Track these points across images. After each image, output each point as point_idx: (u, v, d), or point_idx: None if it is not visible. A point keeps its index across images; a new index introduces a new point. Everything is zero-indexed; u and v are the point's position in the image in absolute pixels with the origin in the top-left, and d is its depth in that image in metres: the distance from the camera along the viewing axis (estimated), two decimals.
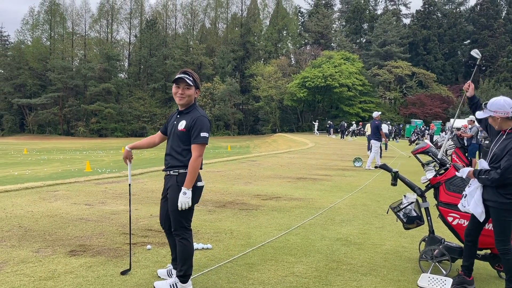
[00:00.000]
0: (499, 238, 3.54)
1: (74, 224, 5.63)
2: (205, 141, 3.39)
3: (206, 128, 3.41)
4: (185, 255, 3.45)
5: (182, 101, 3.50)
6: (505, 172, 3.36)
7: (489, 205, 3.55)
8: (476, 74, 68.06)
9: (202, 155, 3.41)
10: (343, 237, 5.42)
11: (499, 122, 3.53)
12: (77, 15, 77.62)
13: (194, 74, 3.54)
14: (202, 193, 3.67)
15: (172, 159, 3.49)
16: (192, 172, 3.33)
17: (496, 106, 3.50)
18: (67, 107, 69.11)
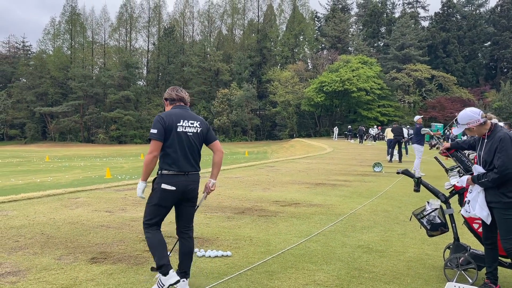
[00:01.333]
0: (505, 237, 3.58)
1: (95, 231, 5.68)
2: (151, 136, 3.56)
3: (153, 125, 3.60)
4: (151, 247, 3.58)
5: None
6: (502, 169, 3.49)
7: (492, 206, 3.64)
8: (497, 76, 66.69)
9: (152, 151, 3.53)
10: (364, 244, 5.33)
11: (476, 130, 3.76)
12: (96, 24, 79.26)
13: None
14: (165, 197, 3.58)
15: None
16: (143, 166, 3.56)
17: (466, 119, 3.74)
18: (88, 114, 70.39)
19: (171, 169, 3.55)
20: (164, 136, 3.57)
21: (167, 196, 3.55)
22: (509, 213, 3.57)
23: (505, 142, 3.54)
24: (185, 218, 3.76)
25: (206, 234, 5.64)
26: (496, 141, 3.59)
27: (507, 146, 3.53)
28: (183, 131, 3.64)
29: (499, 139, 3.57)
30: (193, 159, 3.68)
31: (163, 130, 3.56)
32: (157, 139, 3.54)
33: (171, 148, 3.58)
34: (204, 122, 3.81)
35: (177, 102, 3.82)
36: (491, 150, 3.61)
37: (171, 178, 3.54)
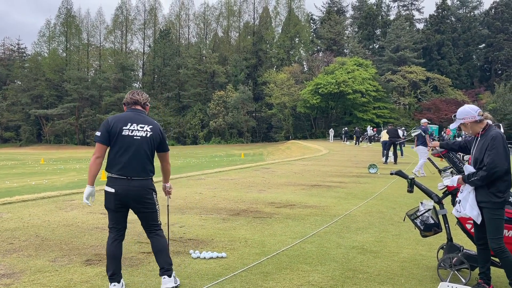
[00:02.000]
0: (493, 237, 3.62)
1: (90, 233, 5.67)
2: (95, 139, 3.63)
3: (99, 128, 3.66)
4: (106, 252, 3.67)
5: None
6: (490, 167, 3.54)
7: (482, 206, 3.69)
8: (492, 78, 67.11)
9: (96, 153, 3.57)
10: (359, 245, 5.35)
11: (470, 127, 3.81)
12: (92, 27, 79.15)
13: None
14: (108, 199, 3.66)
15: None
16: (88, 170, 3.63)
17: (463, 114, 3.82)
18: (83, 117, 70.21)
19: (113, 172, 3.56)
20: (109, 139, 3.57)
21: (109, 198, 3.61)
22: (498, 213, 3.62)
23: (497, 140, 3.58)
24: (144, 221, 3.75)
25: (201, 235, 5.65)
26: (488, 139, 3.63)
27: (498, 145, 3.57)
28: (129, 134, 3.58)
29: (491, 138, 3.62)
30: (139, 163, 3.59)
31: (107, 134, 3.57)
32: (100, 141, 3.56)
33: (115, 152, 3.57)
34: (157, 128, 3.73)
35: (131, 105, 3.81)
36: (482, 148, 3.66)
37: (113, 181, 3.57)
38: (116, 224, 3.70)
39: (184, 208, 7.47)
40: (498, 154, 3.54)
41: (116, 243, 3.67)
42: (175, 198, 8.55)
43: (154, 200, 3.72)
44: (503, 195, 3.61)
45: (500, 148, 3.56)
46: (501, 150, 3.56)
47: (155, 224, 3.77)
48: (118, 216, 3.68)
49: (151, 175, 3.69)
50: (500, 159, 3.53)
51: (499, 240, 3.61)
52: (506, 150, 3.62)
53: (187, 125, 69.90)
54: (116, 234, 3.69)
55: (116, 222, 3.69)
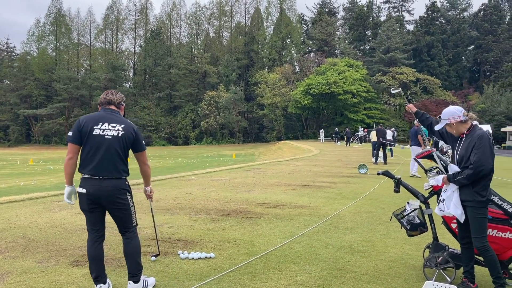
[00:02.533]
0: (477, 235, 3.67)
1: (78, 234, 5.64)
2: (67, 139, 3.65)
3: (72, 128, 3.65)
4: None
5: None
6: (477, 165, 3.59)
7: (466, 205, 3.74)
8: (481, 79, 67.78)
9: (68, 154, 3.56)
10: (347, 244, 5.39)
11: (456, 127, 3.85)
12: (82, 26, 78.61)
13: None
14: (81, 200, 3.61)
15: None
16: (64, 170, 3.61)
17: (448, 114, 3.87)
18: (73, 117, 69.62)
19: (84, 172, 3.55)
20: (81, 139, 3.56)
21: (82, 199, 3.58)
22: (481, 212, 3.67)
23: (483, 140, 3.64)
24: (117, 222, 3.75)
25: (190, 236, 5.64)
26: (474, 139, 3.68)
27: (484, 144, 3.62)
28: (100, 134, 3.56)
29: (477, 137, 3.67)
30: (110, 163, 3.56)
31: (78, 133, 3.55)
32: (71, 141, 3.57)
33: (86, 151, 3.55)
34: (130, 127, 3.70)
35: (105, 105, 3.79)
36: (468, 147, 3.71)
37: (84, 181, 3.55)
38: (93, 226, 3.66)
39: (174, 209, 7.46)
40: (484, 153, 3.59)
41: (96, 245, 3.64)
42: (165, 199, 8.53)
43: (128, 201, 3.67)
44: (486, 194, 3.67)
45: (486, 147, 3.61)
46: (487, 149, 3.62)
47: (128, 226, 3.74)
48: (93, 217, 3.64)
49: (124, 175, 3.66)
50: (486, 158, 3.59)
51: (483, 239, 3.65)
52: (491, 149, 3.68)
53: (178, 126, 69.68)
54: (95, 236, 3.66)
55: (93, 223, 3.65)
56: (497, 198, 3.95)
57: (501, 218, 3.91)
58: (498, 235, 3.90)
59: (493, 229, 3.91)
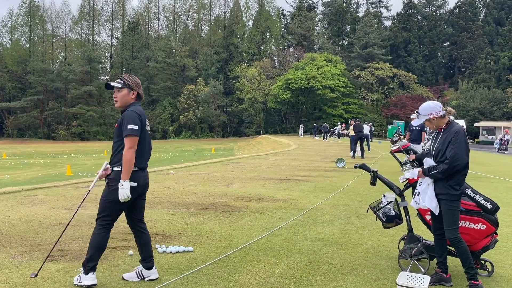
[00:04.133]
0: (449, 227, 3.75)
1: (52, 229, 5.53)
2: (132, 132, 3.51)
3: (133, 120, 3.54)
4: (94, 245, 3.61)
5: (117, 104, 3.76)
6: (452, 160, 3.65)
7: (440, 198, 3.81)
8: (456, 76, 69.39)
9: (133, 147, 3.52)
10: (324, 237, 5.45)
11: (436, 122, 3.89)
12: (57, 17, 76.67)
13: (125, 77, 3.78)
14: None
15: (112, 156, 3.70)
16: (124, 164, 3.49)
17: (428, 110, 3.90)
18: (48, 110, 68.05)
19: (139, 165, 3.63)
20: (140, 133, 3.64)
21: (132, 193, 3.58)
22: (454, 205, 3.76)
23: (459, 135, 3.71)
24: (139, 211, 3.85)
25: (168, 230, 5.61)
26: (451, 134, 3.75)
27: (461, 139, 3.69)
28: (147, 129, 3.76)
29: (454, 132, 3.74)
30: (150, 155, 3.86)
31: (140, 127, 3.60)
32: (138, 135, 3.57)
33: (142, 145, 3.65)
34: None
35: (140, 99, 3.85)
36: (445, 141, 3.78)
37: (134, 174, 3.58)
38: (117, 217, 3.72)
39: (152, 203, 7.39)
40: (460, 148, 3.67)
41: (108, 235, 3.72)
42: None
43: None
44: (460, 187, 3.75)
45: (462, 142, 3.69)
46: (463, 144, 3.69)
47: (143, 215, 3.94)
48: (124, 209, 3.71)
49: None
50: (462, 153, 3.66)
51: (455, 231, 3.74)
52: (467, 145, 3.75)
53: (156, 119, 68.92)
54: (111, 227, 3.71)
55: (118, 215, 3.72)
56: (469, 191, 4.06)
57: (473, 210, 4.02)
58: (470, 227, 4.01)
59: (465, 221, 4.02)
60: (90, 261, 3.59)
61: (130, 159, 3.49)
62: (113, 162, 3.64)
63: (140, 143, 3.60)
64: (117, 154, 3.60)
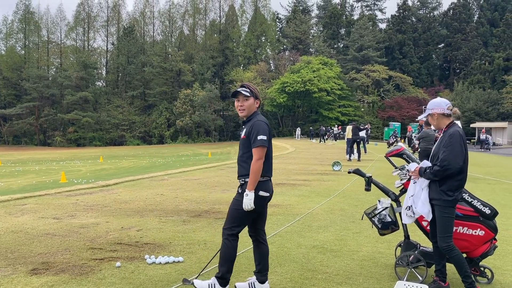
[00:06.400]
0: (442, 235, 3.63)
1: (39, 240, 5.36)
2: (262, 143, 3.49)
3: (263, 131, 3.52)
4: (225, 256, 3.58)
5: (242, 113, 3.71)
6: (443, 164, 3.53)
7: (434, 203, 3.69)
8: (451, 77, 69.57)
9: (262, 158, 3.51)
10: (319, 244, 5.31)
11: (437, 119, 3.77)
12: (52, 23, 76.36)
13: (251, 85, 3.75)
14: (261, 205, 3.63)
15: (240, 168, 3.68)
16: (252, 175, 3.46)
17: (433, 105, 3.80)
18: (43, 116, 67.66)
19: (269, 175, 3.63)
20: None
21: (261, 202, 3.59)
22: (447, 211, 3.61)
23: (454, 138, 3.55)
24: (262, 221, 3.83)
25: (159, 239, 5.45)
26: (445, 136, 3.63)
27: (454, 142, 3.54)
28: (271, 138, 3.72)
29: (448, 135, 3.60)
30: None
31: (268, 138, 3.58)
32: (267, 145, 3.54)
33: (269, 155, 3.62)
34: None
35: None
36: (441, 144, 3.65)
37: (266, 184, 3.60)
38: (244, 227, 3.68)
39: (144, 211, 7.23)
40: (452, 152, 3.51)
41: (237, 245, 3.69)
42: (135, 200, 8.28)
43: None
44: (453, 193, 3.60)
45: (456, 146, 3.53)
46: (456, 148, 3.52)
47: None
48: (252, 219, 3.68)
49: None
50: (454, 157, 3.50)
51: (448, 239, 3.61)
52: (462, 148, 3.57)
53: (153, 124, 68.67)
54: (238, 237, 3.67)
55: (246, 225, 3.70)
56: (467, 195, 3.93)
57: (471, 215, 3.89)
58: (468, 233, 3.88)
59: (463, 227, 3.89)
60: (226, 274, 3.61)
61: (258, 170, 3.47)
62: (246, 173, 3.58)
63: (267, 153, 3.59)
64: (249, 166, 3.54)
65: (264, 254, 3.77)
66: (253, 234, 3.79)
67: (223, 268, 3.59)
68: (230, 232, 3.59)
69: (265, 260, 3.77)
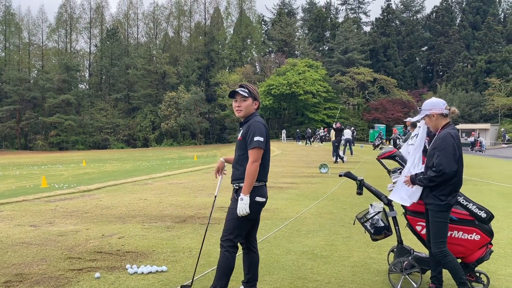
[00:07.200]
0: (435, 240, 3.49)
1: (14, 250, 5.06)
2: (259, 145, 3.30)
3: (260, 132, 3.33)
4: (224, 269, 3.37)
5: (239, 114, 3.52)
6: (439, 169, 3.38)
7: (427, 208, 3.57)
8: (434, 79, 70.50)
9: (258, 160, 3.32)
10: (309, 250, 5.13)
11: (435, 120, 3.60)
12: (33, 25, 75.09)
13: (249, 86, 3.57)
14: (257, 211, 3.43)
15: (234, 172, 3.49)
16: (247, 178, 3.26)
17: (431, 105, 3.63)
18: (24, 120, 66.35)
19: (264, 179, 3.45)
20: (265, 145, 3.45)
21: (257, 208, 3.40)
22: (440, 216, 3.49)
23: (446, 141, 3.41)
24: (257, 227, 3.65)
25: (142, 247, 5.20)
26: (438, 139, 3.49)
27: (447, 145, 3.39)
28: (268, 141, 3.50)
29: (440, 137, 3.47)
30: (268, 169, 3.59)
31: (265, 139, 3.40)
32: (263, 147, 3.36)
33: (265, 158, 3.44)
34: None
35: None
36: (433, 146, 3.52)
37: (262, 189, 3.41)
38: (243, 235, 3.47)
39: (126, 217, 6.96)
40: (446, 155, 3.37)
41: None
42: (117, 206, 8.00)
43: None
44: (446, 198, 3.46)
45: (449, 149, 3.38)
46: (450, 151, 3.37)
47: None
48: (250, 226, 3.48)
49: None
50: (449, 161, 3.36)
51: (441, 244, 3.48)
52: (456, 151, 3.42)
53: (137, 127, 67.92)
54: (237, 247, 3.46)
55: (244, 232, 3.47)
56: (462, 199, 3.80)
57: (466, 219, 3.76)
58: (464, 237, 3.74)
59: (458, 231, 3.75)
60: (226, 286, 3.40)
61: (254, 173, 3.28)
62: (241, 177, 3.38)
63: (264, 155, 3.40)
64: (245, 169, 3.34)
65: (254, 263, 3.58)
66: (244, 242, 3.58)
67: (221, 282, 3.36)
68: (231, 243, 3.37)
69: (255, 269, 3.57)
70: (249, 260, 3.58)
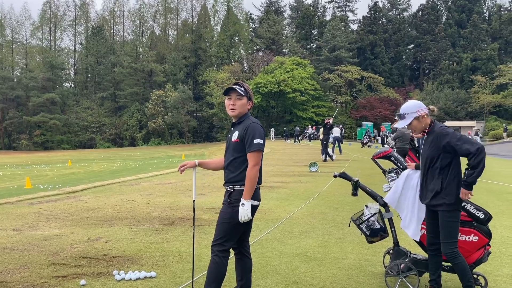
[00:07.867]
0: (446, 241, 3.38)
1: None
2: (259, 147, 3.21)
3: (259, 135, 3.24)
4: (214, 275, 3.23)
5: (234, 113, 3.40)
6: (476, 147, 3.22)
7: (438, 210, 3.43)
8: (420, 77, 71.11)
9: (259, 164, 3.22)
10: (302, 252, 5.01)
11: (424, 120, 3.47)
12: (16, 23, 73.82)
13: (245, 85, 3.47)
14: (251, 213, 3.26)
15: (227, 174, 3.35)
16: (248, 182, 3.15)
17: (416, 107, 3.47)
18: (8, 119, 65.22)
19: (259, 182, 3.32)
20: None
21: (254, 212, 3.29)
22: (453, 215, 3.40)
23: (451, 133, 3.33)
24: (248, 232, 3.50)
25: (129, 251, 5.02)
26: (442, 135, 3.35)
27: (455, 134, 3.33)
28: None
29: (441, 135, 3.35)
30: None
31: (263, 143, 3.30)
32: (263, 150, 3.26)
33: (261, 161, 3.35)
34: None
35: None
36: (434, 145, 3.38)
37: (256, 192, 3.27)
38: (235, 240, 3.33)
39: (113, 219, 6.76)
40: (464, 139, 3.28)
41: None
42: (104, 208, 7.78)
43: None
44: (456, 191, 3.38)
45: (459, 135, 3.33)
46: (461, 136, 3.34)
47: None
48: (242, 230, 3.34)
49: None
50: (470, 140, 3.30)
51: (452, 245, 3.38)
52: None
53: (124, 126, 67.18)
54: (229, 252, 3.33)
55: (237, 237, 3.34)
56: None
57: (464, 221, 3.67)
58: (462, 239, 3.65)
59: (467, 235, 3.66)
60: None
61: (255, 177, 3.17)
62: (235, 180, 3.24)
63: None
64: (241, 172, 3.21)
65: (247, 268, 3.44)
66: (237, 246, 3.43)
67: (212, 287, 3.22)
68: (221, 248, 3.23)
69: (248, 275, 3.43)
70: (242, 266, 3.44)
